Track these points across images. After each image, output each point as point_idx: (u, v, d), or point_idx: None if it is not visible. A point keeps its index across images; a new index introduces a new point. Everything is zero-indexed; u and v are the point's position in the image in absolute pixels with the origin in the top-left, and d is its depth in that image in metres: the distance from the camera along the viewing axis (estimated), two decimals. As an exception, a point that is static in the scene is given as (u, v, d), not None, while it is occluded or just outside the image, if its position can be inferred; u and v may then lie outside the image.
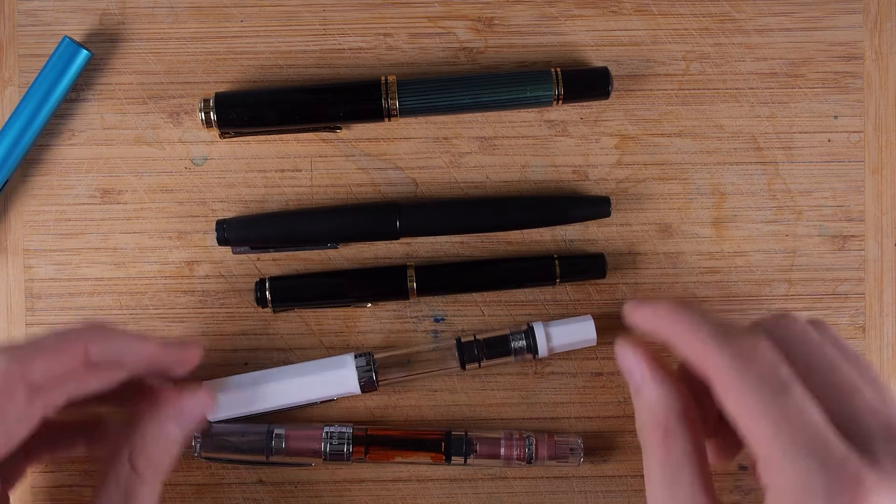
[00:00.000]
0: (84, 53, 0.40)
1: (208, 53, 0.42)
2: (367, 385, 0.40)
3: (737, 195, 0.42)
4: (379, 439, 0.40)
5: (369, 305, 0.42)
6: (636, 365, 0.35)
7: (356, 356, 0.40)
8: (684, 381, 0.34)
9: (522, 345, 0.40)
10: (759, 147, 0.42)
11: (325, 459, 0.40)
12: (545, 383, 0.42)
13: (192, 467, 0.41)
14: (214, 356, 0.42)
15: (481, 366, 0.41)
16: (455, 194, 0.42)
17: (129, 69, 0.42)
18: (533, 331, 0.40)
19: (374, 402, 0.42)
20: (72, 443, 0.39)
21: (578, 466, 0.41)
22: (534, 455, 0.40)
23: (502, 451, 0.40)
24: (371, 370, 0.40)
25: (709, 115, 0.42)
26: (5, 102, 0.42)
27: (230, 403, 0.40)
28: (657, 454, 0.33)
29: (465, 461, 0.40)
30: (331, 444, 0.40)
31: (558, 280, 0.41)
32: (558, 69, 0.40)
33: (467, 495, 0.42)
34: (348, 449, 0.40)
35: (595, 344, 0.41)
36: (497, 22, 0.42)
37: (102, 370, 0.35)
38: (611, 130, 0.42)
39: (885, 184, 0.42)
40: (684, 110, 0.42)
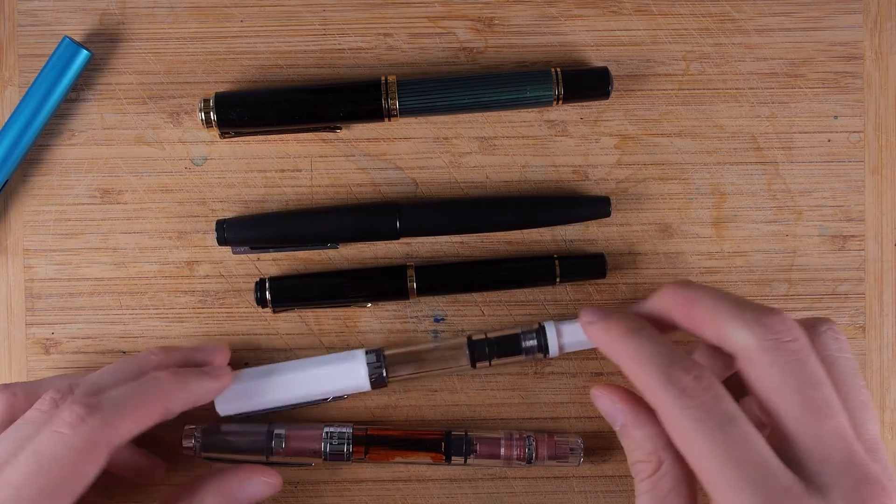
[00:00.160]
0: (84, 53, 0.40)
1: (208, 53, 0.42)
2: (378, 381, 0.40)
3: (737, 195, 0.42)
4: (379, 439, 0.40)
5: (369, 305, 0.42)
6: (615, 410, 0.36)
7: (367, 352, 0.40)
8: None
9: (534, 344, 0.40)
10: (759, 147, 0.42)
11: (325, 459, 0.40)
12: (545, 383, 0.42)
13: (193, 467, 0.41)
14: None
15: (491, 364, 0.41)
16: (455, 194, 0.42)
17: (129, 69, 0.42)
18: (544, 330, 0.40)
19: (374, 402, 0.42)
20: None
21: (578, 466, 0.41)
22: (534, 455, 0.40)
23: (502, 451, 0.40)
24: (382, 366, 0.40)
25: (709, 115, 0.42)
26: (5, 102, 0.42)
27: (238, 397, 0.39)
28: (647, 486, 0.34)
29: (465, 461, 0.40)
30: (331, 444, 0.40)
31: (558, 280, 0.41)
32: (558, 69, 0.40)
33: (467, 495, 0.42)
34: (348, 449, 0.40)
35: None
36: (497, 22, 0.42)
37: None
38: (611, 130, 0.42)
39: (885, 184, 0.42)
40: (684, 110, 0.42)
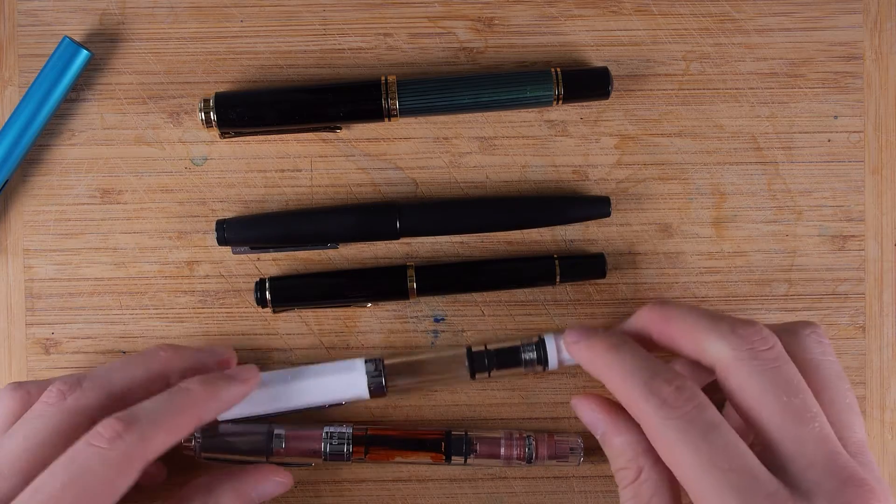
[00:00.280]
0: (84, 53, 0.40)
1: (208, 53, 0.42)
2: (377, 390, 0.40)
3: (737, 195, 0.42)
4: (379, 439, 0.40)
5: (369, 305, 0.42)
6: (596, 417, 0.36)
7: (366, 361, 0.40)
8: None
9: (533, 357, 0.40)
10: (759, 147, 0.42)
11: (325, 459, 0.40)
12: (545, 383, 0.42)
13: (193, 467, 0.41)
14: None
15: (491, 376, 0.40)
16: (455, 194, 0.42)
17: (129, 69, 0.42)
18: (544, 343, 0.40)
19: (374, 402, 0.42)
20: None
21: (578, 466, 0.41)
22: (534, 455, 0.40)
23: (502, 451, 0.40)
24: (381, 376, 0.40)
25: (709, 115, 0.42)
26: (5, 102, 0.42)
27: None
28: (630, 493, 0.34)
29: (465, 461, 0.40)
30: (331, 445, 0.40)
31: (558, 280, 0.41)
32: (558, 69, 0.40)
33: (467, 495, 0.42)
34: (348, 449, 0.40)
35: None
36: (497, 22, 0.42)
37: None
38: (611, 130, 0.42)
39: (885, 184, 0.42)
40: (684, 110, 0.42)
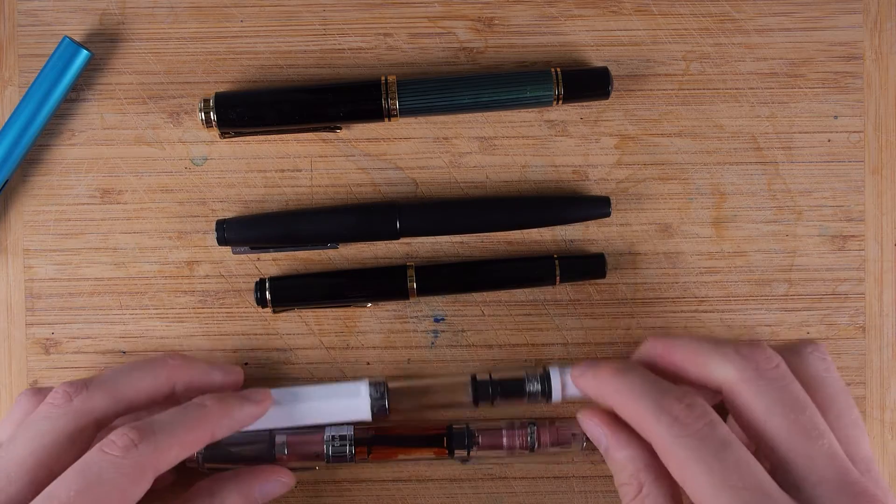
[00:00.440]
0: (84, 53, 0.40)
1: (208, 53, 0.42)
2: (379, 413, 0.39)
3: (737, 195, 0.42)
4: (381, 438, 0.40)
5: (369, 305, 0.42)
6: (599, 432, 0.36)
7: (370, 384, 0.40)
8: None
9: (537, 388, 0.40)
10: (759, 147, 0.42)
11: (329, 462, 0.40)
12: (545, 383, 0.42)
13: (195, 476, 0.40)
14: (214, 356, 0.42)
15: (494, 405, 0.40)
16: (455, 194, 0.42)
17: (129, 69, 0.42)
18: (549, 375, 0.39)
19: (374, 402, 0.42)
20: None
21: (582, 450, 0.41)
22: (536, 443, 0.40)
23: (505, 441, 0.40)
24: (384, 399, 0.39)
25: (709, 115, 0.42)
26: (5, 102, 0.42)
27: None
28: None
29: (468, 454, 0.40)
30: (333, 447, 0.40)
31: (558, 280, 0.41)
32: (558, 69, 0.40)
33: (467, 495, 0.42)
34: (351, 450, 0.40)
35: None
36: (497, 22, 0.42)
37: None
38: (611, 130, 0.42)
39: (885, 184, 0.42)
40: (684, 110, 0.42)
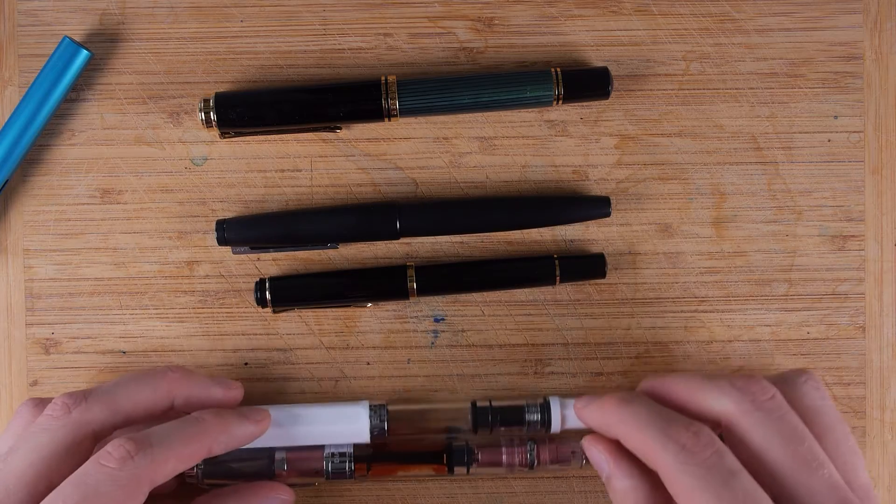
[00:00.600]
0: (84, 53, 0.40)
1: (208, 53, 0.42)
2: (379, 435, 0.39)
3: (737, 195, 0.42)
4: (380, 455, 0.40)
5: (369, 305, 0.42)
6: (602, 459, 0.36)
7: (371, 407, 0.40)
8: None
9: (537, 418, 0.40)
10: (759, 147, 0.42)
11: (328, 479, 0.39)
12: (545, 383, 0.42)
13: (195, 490, 0.40)
14: (214, 356, 0.42)
15: (492, 433, 0.40)
16: (455, 194, 0.42)
17: (129, 69, 0.42)
18: (549, 405, 0.40)
19: (374, 402, 0.42)
20: None
21: (581, 468, 0.41)
22: (536, 461, 0.40)
23: (504, 459, 0.40)
24: (383, 422, 0.39)
25: (709, 115, 0.42)
26: (5, 102, 0.42)
27: None
28: None
29: (468, 471, 0.40)
30: (332, 464, 0.39)
31: (558, 280, 0.41)
32: (558, 69, 0.40)
33: (467, 495, 0.42)
34: (350, 467, 0.39)
35: None
36: (497, 22, 0.42)
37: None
38: (611, 130, 0.42)
39: (885, 184, 0.42)
40: (684, 110, 0.42)
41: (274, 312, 0.42)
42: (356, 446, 0.40)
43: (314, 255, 0.42)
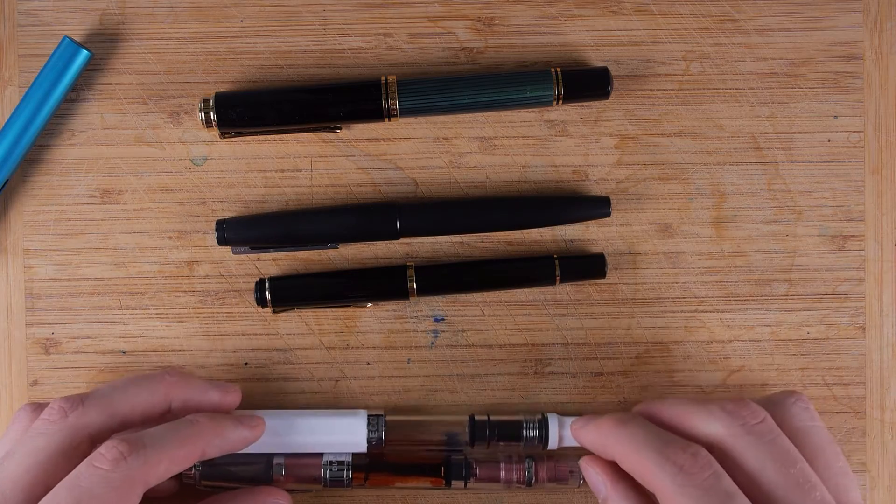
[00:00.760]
0: (84, 53, 0.40)
1: (208, 53, 0.42)
2: (376, 445, 0.40)
3: (737, 195, 0.42)
4: (379, 465, 0.40)
5: (369, 305, 0.42)
6: (599, 480, 0.37)
7: (369, 417, 0.40)
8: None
9: (535, 434, 0.40)
10: (759, 147, 0.42)
11: (326, 486, 0.39)
12: (545, 383, 0.42)
13: (193, 494, 0.40)
14: (214, 356, 0.42)
15: (489, 447, 0.40)
16: (455, 194, 0.42)
17: (129, 69, 0.42)
18: (546, 421, 0.40)
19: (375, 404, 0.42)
20: None
21: (579, 487, 0.41)
22: (533, 478, 0.40)
23: (502, 475, 0.40)
24: (380, 432, 0.39)
25: (709, 115, 0.42)
26: (5, 102, 0.42)
27: None
28: None
29: (465, 485, 0.40)
30: (330, 471, 0.39)
31: (558, 280, 0.41)
32: (558, 69, 0.40)
33: (467, 495, 0.42)
34: (348, 475, 0.39)
35: None
36: (497, 22, 0.42)
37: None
38: (611, 130, 0.42)
39: (885, 184, 0.42)
40: (684, 110, 0.42)
41: (274, 312, 0.42)
42: (354, 454, 0.40)
43: (314, 255, 0.42)
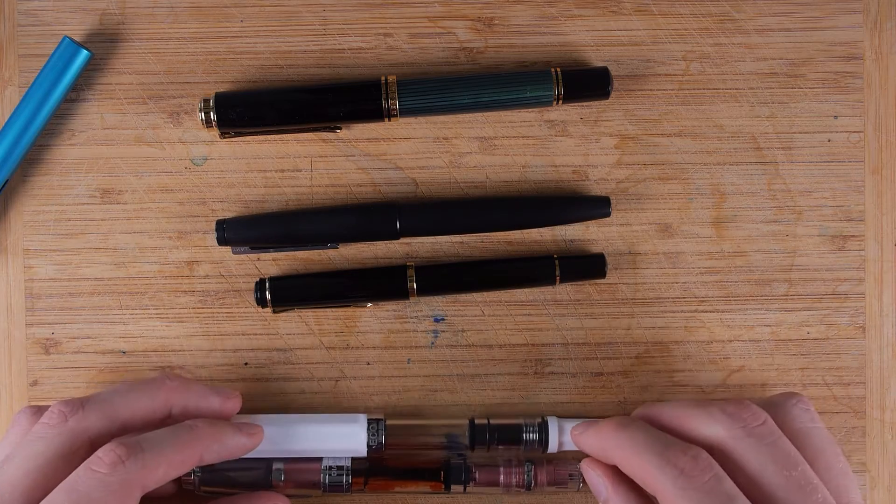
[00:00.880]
0: (84, 53, 0.40)
1: (208, 53, 0.42)
2: (377, 449, 0.39)
3: (737, 195, 0.42)
4: (378, 470, 0.40)
5: (369, 305, 0.42)
6: (600, 483, 0.37)
7: (369, 421, 0.40)
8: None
9: (535, 437, 0.40)
10: (759, 147, 0.42)
11: (325, 491, 0.39)
12: (545, 383, 0.42)
13: (191, 499, 0.40)
14: (214, 356, 0.42)
15: (489, 451, 0.40)
16: (455, 194, 0.42)
17: (129, 69, 0.42)
18: (546, 425, 0.40)
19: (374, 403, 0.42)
20: None
21: (579, 490, 0.41)
22: (533, 482, 0.40)
23: (501, 479, 0.40)
24: (380, 436, 0.39)
25: (709, 115, 0.42)
26: (5, 102, 0.42)
27: None
28: None
29: (465, 489, 0.40)
30: (330, 476, 0.39)
31: (558, 280, 0.41)
32: (558, 69, 0.40)
33: (467, 499, 0.42)
34: (347, 480, 0.39)
35: None
36: (497, 22, 0.42)
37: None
38: (611, 130, 0.42)
39: (885, 184, 0.42)
40: (684, 110, 0.42)
41: (274, 312, 0.42)
42: (354, 459, 0.40)
43: (314, 255, 0.42)
